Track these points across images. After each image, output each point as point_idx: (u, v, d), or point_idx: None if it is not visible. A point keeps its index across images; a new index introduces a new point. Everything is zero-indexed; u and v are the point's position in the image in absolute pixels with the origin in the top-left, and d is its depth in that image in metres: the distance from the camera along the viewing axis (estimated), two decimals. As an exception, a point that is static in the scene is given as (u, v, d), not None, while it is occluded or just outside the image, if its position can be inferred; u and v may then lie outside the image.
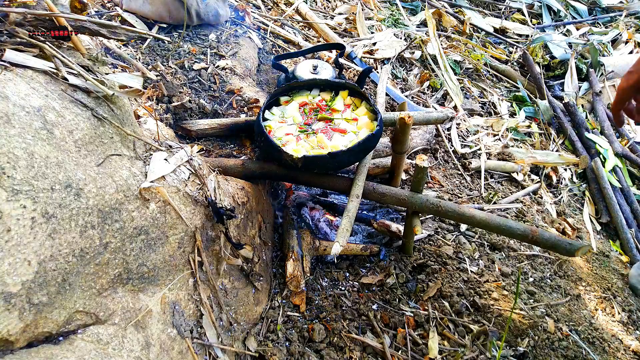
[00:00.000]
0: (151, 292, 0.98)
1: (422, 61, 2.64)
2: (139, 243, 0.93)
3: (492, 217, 1.35)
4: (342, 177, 1.44)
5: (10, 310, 0.68)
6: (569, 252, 1.23)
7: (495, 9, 3.63)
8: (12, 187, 0.69)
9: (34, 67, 0.88)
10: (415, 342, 1.38)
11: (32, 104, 0.80)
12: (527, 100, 2.66)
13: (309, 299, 1.45)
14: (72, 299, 0.80)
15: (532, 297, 1.56)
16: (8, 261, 0.67)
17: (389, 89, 2.24)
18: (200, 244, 1.09)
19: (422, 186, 1.40)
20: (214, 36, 2.04)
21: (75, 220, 0.78)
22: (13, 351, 0.71)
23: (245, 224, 1.32)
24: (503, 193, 2.03)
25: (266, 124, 1.46)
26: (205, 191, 1.13)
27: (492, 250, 1.73)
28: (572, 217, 2.04)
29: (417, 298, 1.51)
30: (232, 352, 1.14)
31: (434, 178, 1.97)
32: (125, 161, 0.97)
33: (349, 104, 1.56)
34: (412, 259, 1.61)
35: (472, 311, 1.48)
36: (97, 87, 0.96)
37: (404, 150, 1.54)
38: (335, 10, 2.88)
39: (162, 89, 1.62)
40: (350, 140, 1.41)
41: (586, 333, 1.47)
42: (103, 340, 0.83)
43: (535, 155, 2.19)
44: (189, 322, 1.05)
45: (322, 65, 1.77)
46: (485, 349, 1.37)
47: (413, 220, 1.44)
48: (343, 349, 1.32)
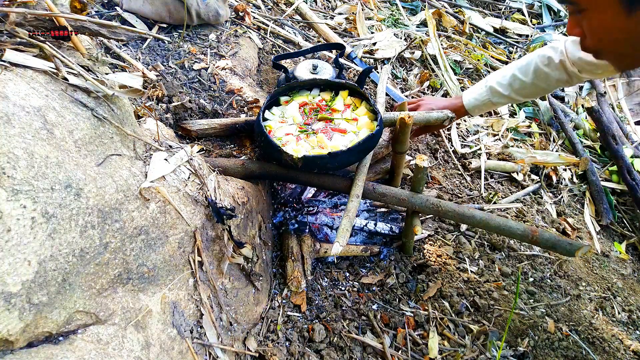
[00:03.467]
0: (151, 292, 0.98)
1: (422, 61, 2.64)
2: (139, 243, 0.93)
3: (492, 217, 1.35)
4: (342, 177, 1.44)
5: (10, 310, 0.68)
6: (569, 252, 1.23)
7: (495, 9, 3.63)
8: (12, 187, 0.69)
9: (34, 67, 0.88)
10: (415, 342, 1.38)
11: (32, 104, 0.80)
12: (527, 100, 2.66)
13: (309, 299, 1.45)
14: (72, 299, 0.80)
15: (532, 297, 1.56)
16: (8, 261, 0.67)
17: (389, 89, 2.24)
18: (200, 244, 1.09)
19: (422, 186, 1.40)
20: (214, 36, 2.04)
21: (75, 220, 0.78)
22: (13, 351, 0.71)
23: (245, 224, 1.32)
24: (503, 193, 2.03)
25: (266, 124, 1.46)
26: (205, 191, 1.13)
27: (492, 250, 1.73)
28: (572, 217, 2.04)
29: (417, 298, 1.51)
30: (232, 352, 1.14)
31: (434, 178, 1.97)
32: (125, 161, 0.97)
33: (349, 104, 1.56)
34: (412, 259, 1.61)
35: (472, 311, 1.48)
36: (97, 87, 0.96)
37: (404, 150, 1.54)
38: (335, 10, 2.88)
39: (162, 89, 1.62)
40: (350, 140, 1.41)
41: (586, 333, 1.47)
42: (103, 340, 0.83)
43: (535, 155, 2.19)
44: (189, 322, 1.05)
45: (322, 65, 1.77)
46: (485, 349, 1.37)
47: (413, 220, 1.45)
48: (343, 349, 1.32)
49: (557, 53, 1.39)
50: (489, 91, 1.55)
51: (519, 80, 1.48)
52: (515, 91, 1.51)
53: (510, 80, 1.50)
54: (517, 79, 1.48)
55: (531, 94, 1.54)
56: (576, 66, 1.36)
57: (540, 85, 1.47)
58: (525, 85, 1.48)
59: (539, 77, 1.45)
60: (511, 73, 1.50)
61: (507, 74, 1.51)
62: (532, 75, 1.46)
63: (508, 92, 1.52)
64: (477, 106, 1.61)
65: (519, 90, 1.51)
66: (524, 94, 1.53)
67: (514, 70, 1.50)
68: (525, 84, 1.48)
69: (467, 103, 1.61)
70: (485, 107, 1.62)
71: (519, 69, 1.48)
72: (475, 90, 1.61)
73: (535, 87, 1.48)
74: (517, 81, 1.49)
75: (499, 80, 1.53)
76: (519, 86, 1.49)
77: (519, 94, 1.52)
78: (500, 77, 1.53)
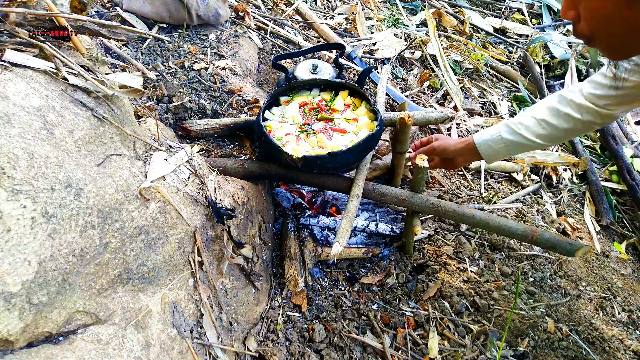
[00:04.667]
0: (151, 292, 0.98)
1: (422, 61, 2.64)
2: (139, 243, 0.93)
3: (492, 217, 1.35)
4: (342, 177, 1.44)
5: (10, 310, 0.68)
6: (569, 252, 1.23)
7: (495, 9, 3.63)
8: (12, 187, 0.69)
9: (34, 67, 0.88)
10: (415, 342, 1.38)
11: (32, 104, 0.80)
12: (527, 101, 2.66)
13: (309, 299, 1.45)
14: (72, 299, 0.80)
15: (532, 297, 1.56)
16: (8, 261, 0.67)
17: (389, 89, 2.24)
18: (200, 244, 1.09)
19: (422, 186, 1.40)
20: (214, 36, 2.04)
21: (75, 220, 0.78)
22: (13, 351, 0.71)
23: (245, 224, 1.32)
24: (503, 193, 2.03)
25: (266, 124, 1.46)
26: (205, 191, 1.13)
27: (492, 250, 1.73)
28: (572, 217, 2.04)
29: (417, 298, 1.51)
30: (232, 352, 1.14)
31: (434, 178, 1.97)
32: (125, 161, 0.97)
33: (349, 104, 1.56)
34: (412, 259, 1.61)
35: (472, 311, 1.48)
36: (97, 87, 0.96)
37: (404, 150, 1.54)
38: (335, 10, 2.88)
39: (162, 89, 1.62)
40: (350, 140, 1.41)
41: (586, 333, 1.47)
42: (103, 340, 0.83)
43: (535, 155, 2.19)
44: (189, 322, 1.05)
45: (322, 65, 1.77)
46: (485, 349, 1.37)
47: (413, 220, 1.45)
48: (343, 349, 1.32)
49: (573, 92, 1.23)
50: (502, 127, 1.35)
51: (535, 119, 1.29)
52: (531, 131, 1.30)
53: (525, 121, 1.31)
54: (533, 119, 1.29)
55: (550, 135, 1.31)
56: (591, 102, 1.20)
57: (555, 125, 1.27)
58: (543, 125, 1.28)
59: (558, 116, 1.26)
60: (527, 115, 1.31)
61: (523, 116, 1.33)
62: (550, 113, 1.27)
63: (522, 131, 1.31)
64: (489, 143, 1.37)
65: (534, 130, 1.30)
66: (541, 135, 1.30)
67: (530, 113, 1.31)
68: (544, 123, 1.28)
69: (478, 141, 1.39)
70: (497, 146, 1.37)
71: (534, 111, 1.31)
72: (488, 130, 1.41)
73: (553, 128, 1.28)
74: (533, 120, 1.29)
75: (514, 121, 1.35)
76: (534, 125, 1.29)
77: (535, 134, 1.30)
78: (517, 118, 1.35)
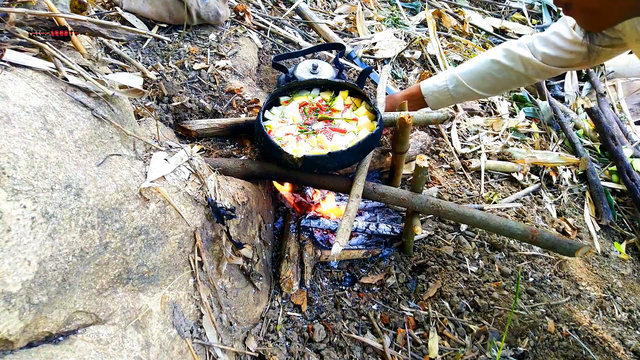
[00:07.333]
0: (151, 292, 0.98)
1: (422, 61, 2.64)
2: (139, 243, 0.93)
3: (492, 217, 1.35)
4: (342, 177, 1.44)
5: (10, 310, 0.68)
6: (569, 252, 1.23)
7: (495, 9, 3.63)
8: (12, 187, 0.69)
9: (34, 67, 0.88)
10: (415, 342, 1.38)
11: (32, 104, 0.80)
12: (527, 101, 2.66)
13: (309, 299, 1.45)
14: (72, 299, 0.80)
15: (532, 297, 1.56)
16: (8, 261, 0.67)
17: (389, 89, 2.24)
18: (200, 244, 1.09)
19: (422, 186, 1.40)
20: (214, 36, 2.04)
21: (75, 220, 0.78)
22: (13, 351, 0.71)
23: (245, 224, 1.32)
24: (503, 193, 2.03)
25: (266, 124, 1.46)
26: (205, 191, 1.13)
27: (492, 250, 1.73)
28: (572, 217, 2.04)
29: (417, 298, 1.51)
30: (232, 352, 1.14)
31: (434, 178, 1.97)
32: (125, 161, 0.97)
33: (349, 104, 1.56)
34: (412, 259, 1.61)
35: (472, 311, 1.48)
36: (97, 87, 0.96)
37: (404, 150, 1.53)
38: (335, 10, 2.88)
39: (162, 89, 1.62)
40: (350, 140, 1.41)
41: (586, 333, 1.47)
42: (103, 340, 0.83)
43: (535, 155, 2.19)
44: (189, 322, 1.05)
45: (322, 65, 1.77)
46: (485, 349, 1.37)
47: (413, 220, 1.44)
48: (343, 349, 1.32)
49: (523, 48, 1.39)
50: (449, 78, 1.54)
51: (480, 73, 1.48)
52: (476, 84, 1.49)
53: (471, 74, 1.49)
54: (478, 73, 1.48)
55: (492, 87, 1.53)
56: (543, 61, 1.37)
57: (500, 79, 1.46)
58: (488, 77, 1.47)
59: (501, 70, 1.45)
60: (473, 66, 1.50)
61: (468, 66, 1.51)
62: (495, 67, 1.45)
63: (468, 84, 1.50)
64: (434, 93, 1.57)
65: (478, 84, 1.49)
66: (484, 87, 1.51)
67: (475, 63, 1.50)
68: (488, 76, 1.47)
69: (425, 89, 1.57)
70: (443, 97, 1.58)
71: (481, 62, 1.48)
72: (434, 78, 1.58)
73: (497, 81, 1.47)
74: (478, 74, 1.48)
75: (460, 71, 1.52)
76: (479, 79, 1.48)
77: (480, 87, 1.50)
78: (462, 68, 1.52)
